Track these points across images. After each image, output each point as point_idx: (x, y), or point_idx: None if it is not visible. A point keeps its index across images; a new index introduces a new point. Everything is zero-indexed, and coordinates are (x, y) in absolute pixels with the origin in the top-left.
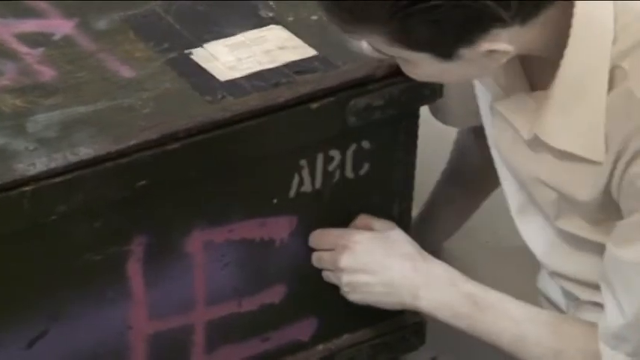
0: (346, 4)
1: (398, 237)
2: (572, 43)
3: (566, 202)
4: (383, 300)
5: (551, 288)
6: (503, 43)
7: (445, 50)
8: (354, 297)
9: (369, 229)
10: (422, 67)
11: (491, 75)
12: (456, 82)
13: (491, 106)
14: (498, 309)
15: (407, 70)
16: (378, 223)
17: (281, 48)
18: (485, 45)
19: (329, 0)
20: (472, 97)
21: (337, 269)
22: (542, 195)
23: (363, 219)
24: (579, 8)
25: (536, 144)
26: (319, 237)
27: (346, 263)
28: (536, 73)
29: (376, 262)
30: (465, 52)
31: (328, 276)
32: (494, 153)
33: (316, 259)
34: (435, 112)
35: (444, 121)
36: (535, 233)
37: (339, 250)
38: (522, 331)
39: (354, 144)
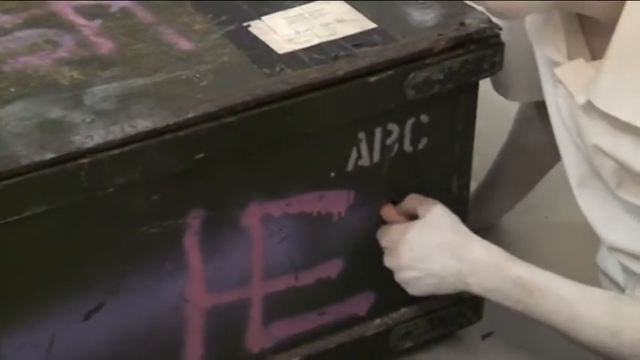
0: None
1: (438, 223)
2: (629, 6)
3: (625, 172)
4: (439, 289)
5: (610, 264)
6: None
7: None
8: (412, 291)
9: (414, 214)
10: None
11: (539, 13)
12: (498, 7)
13: (553, 74)
14: (548, 291)
15: None
16: (421, 207)
17: (340, 21)
18: None
19: None
20: (534, 72)
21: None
22: (602, 164)
23: (408, 203)
24: None
25: (591, 110)
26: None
27: (392, 264)
28: (597, 38)
29: (417, 259)
30: None
31: None
32: (557, 124)
33: None
34: (497, 87)
35: (506, 96)
36: (595, 206)
37: (386, 252)
38: (576, 311)
39: (413, 118)
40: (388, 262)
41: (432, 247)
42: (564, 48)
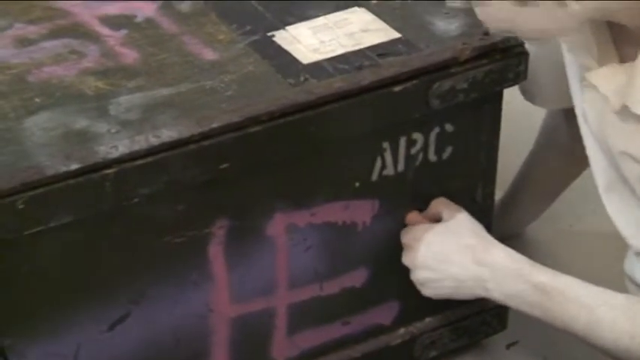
0: None
1: (461, 227)
2: None
3: None
4: (456, 293)
5: (637, 270)
6: None
7: None
8: (427, 292)
9: (438, 217)
10: (495, 6)
11: (572, 35)
12: (531, 34)
13: (582, 79)
14: (569, 295)
15: (482, 13)
16: (447, 211)
17: (364, 31)
18: None
19: None
20: (563, 78)
21: (408, 267)
22: (631, 170)
23: (434, 206)
24: None
25: (626, 115)
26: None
27: (408, 261)
28: (627, 45)
29: (435, 259)
30: None
31: None
32: (584, 129)
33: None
34: (525, 93)
35: (533, 102)
36: (623, 212)
37: (405, 249)
38: (596, 316)
39: (437, 127)
40: (406, 259)
41: (452, 249)
42: (596, 53)
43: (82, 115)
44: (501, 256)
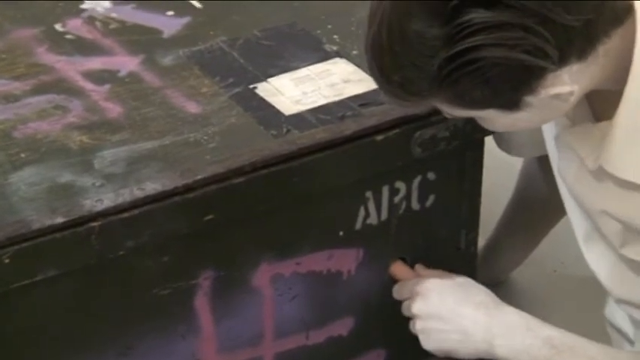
0: (396, 81)
1: (471, 286)
2: (635, 71)
3: (631, 233)
4: (458, 348)
5: (618, 316)
6: (565, 84)
7: (508, 103)
8: (429, 345)
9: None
10: (495, 121)
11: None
12: (537, 126)
13: (557, 137)
14: (577, 350)
15: (485, 125)
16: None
17: (346, 81)
18: (545, 91)
19: (380, 79)
20: (537, 128)
21: (412, 316)
22: (607, 225)
23: (438, 272)
24: None
25: (602, 175)
26: (399, 288)
27: (418, 310)
28: (600, 103)
29: (448, 310)
30: (529, 99)
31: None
32: (560, 182)
33: (404, 308)
34: (500, 143)
35: (509, 151)
36: (601, 261)
37: (414, 297)
38: None
39: (420, 175)
40: (415, 307)
41: (465, 303)
42: (571, 112)
43: (67, 169)
44: (511, 312)
